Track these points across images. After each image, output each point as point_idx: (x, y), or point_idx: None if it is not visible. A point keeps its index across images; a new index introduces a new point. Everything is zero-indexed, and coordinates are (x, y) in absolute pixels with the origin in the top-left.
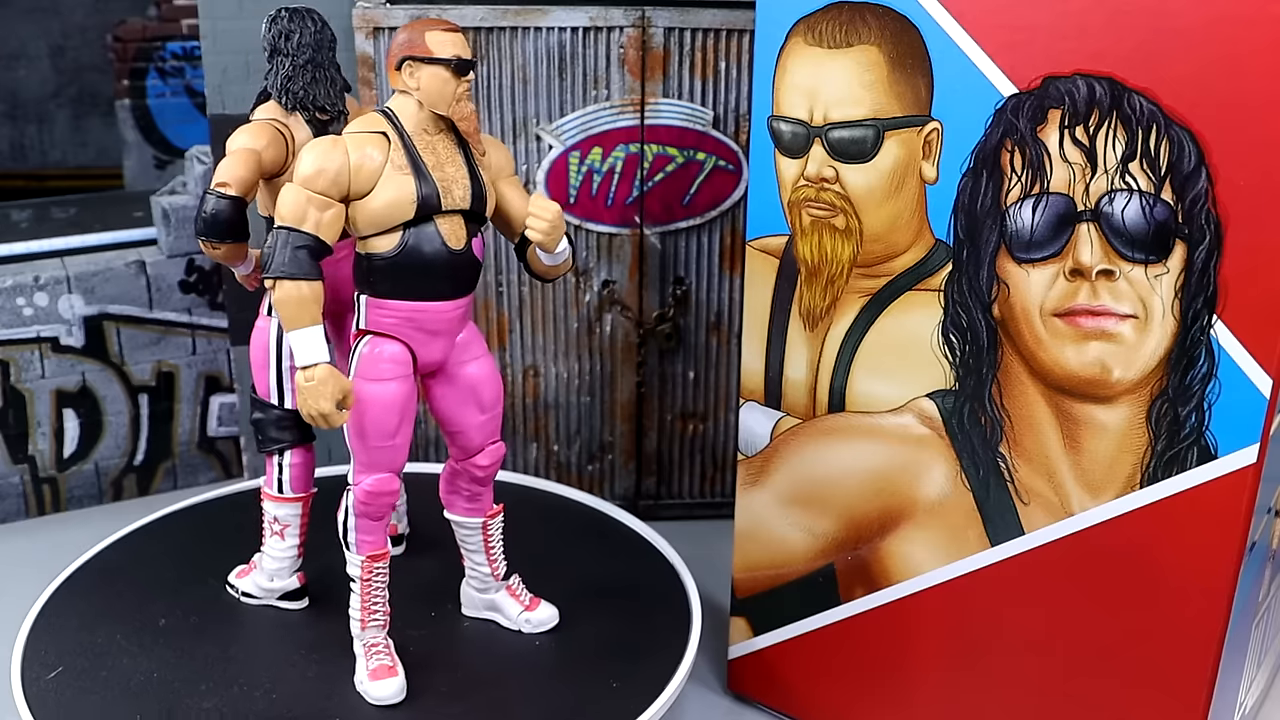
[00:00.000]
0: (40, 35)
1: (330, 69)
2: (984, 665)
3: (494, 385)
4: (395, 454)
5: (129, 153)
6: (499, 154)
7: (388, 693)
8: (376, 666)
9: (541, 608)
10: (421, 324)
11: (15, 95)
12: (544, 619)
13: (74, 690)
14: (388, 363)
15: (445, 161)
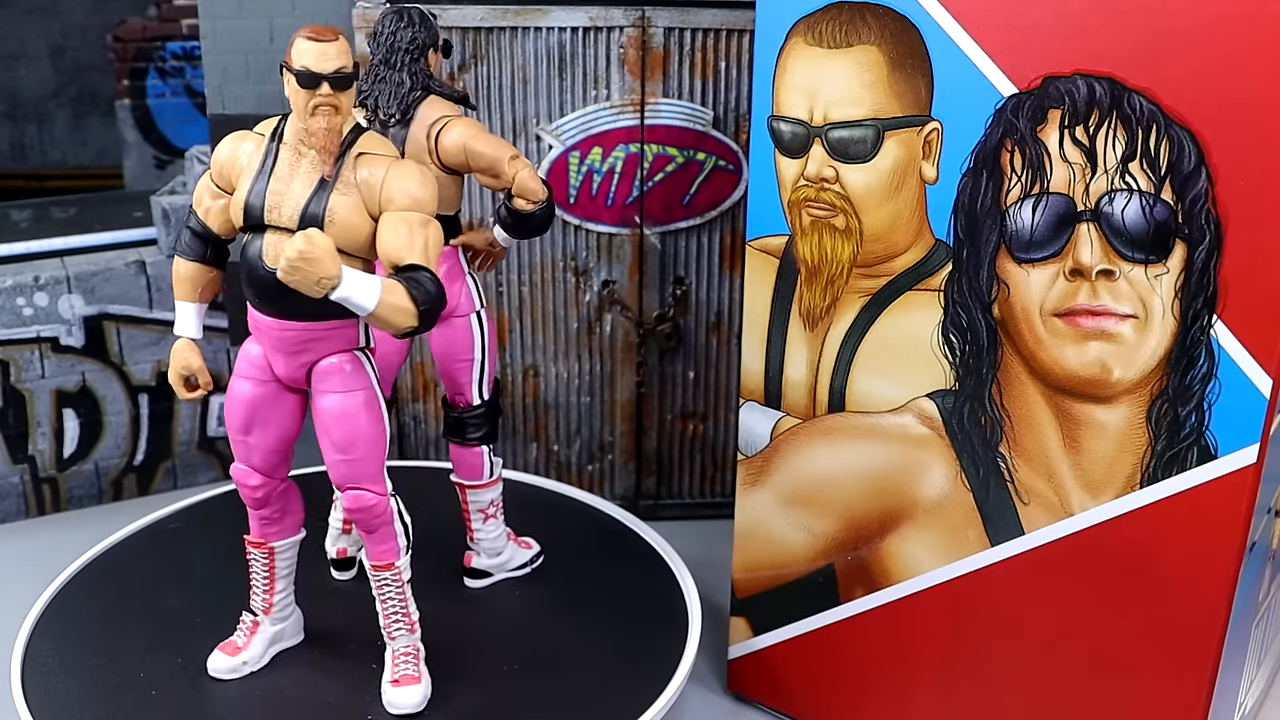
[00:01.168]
0: (40, 35)
1: (400, 72)
2: (984, 665)
3: (345, 426)
4: (248, 451)
5: (129, 153)
6: (402, 183)
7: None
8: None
9: (405, 691)
10: (260, 333)
11: (15, 95)
12: (397, 701)
13: (74, 691)
14: (243, 361)
15: (296, 176)
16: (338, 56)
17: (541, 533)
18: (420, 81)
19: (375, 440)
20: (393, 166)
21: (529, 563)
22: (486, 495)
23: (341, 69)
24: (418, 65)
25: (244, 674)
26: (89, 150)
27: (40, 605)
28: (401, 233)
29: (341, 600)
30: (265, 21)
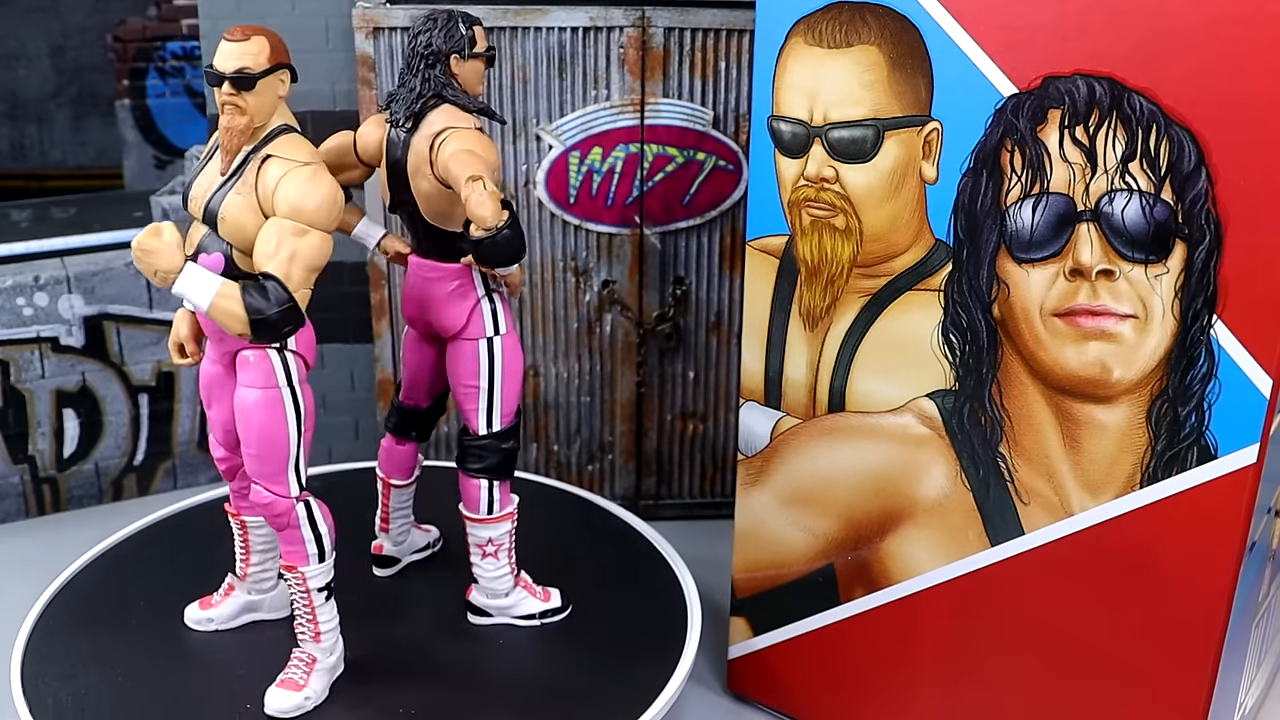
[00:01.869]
0: (40, 35)
1: (415, 76)
2: (984, 665)
3: (243, 420)
4: (212, 425)
5: (129, 153)
6: (287, 188)
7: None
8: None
9: (280, 694)
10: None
11: (15, 95)
12: (270, 701)
13: (75, 691)
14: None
15: (219, 170)
16: (241, 56)
17: (542, 530)
18: (433, 88)
19: (272, 441)
20: (289, 172)
21: (540, 615)
22: (484, 531)
23: (244, 69)
24: (432, 71)
25: (209, 629)
26: (89, 150)
27: (40, 605)
28: (271, 240)
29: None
30: (265, 22)
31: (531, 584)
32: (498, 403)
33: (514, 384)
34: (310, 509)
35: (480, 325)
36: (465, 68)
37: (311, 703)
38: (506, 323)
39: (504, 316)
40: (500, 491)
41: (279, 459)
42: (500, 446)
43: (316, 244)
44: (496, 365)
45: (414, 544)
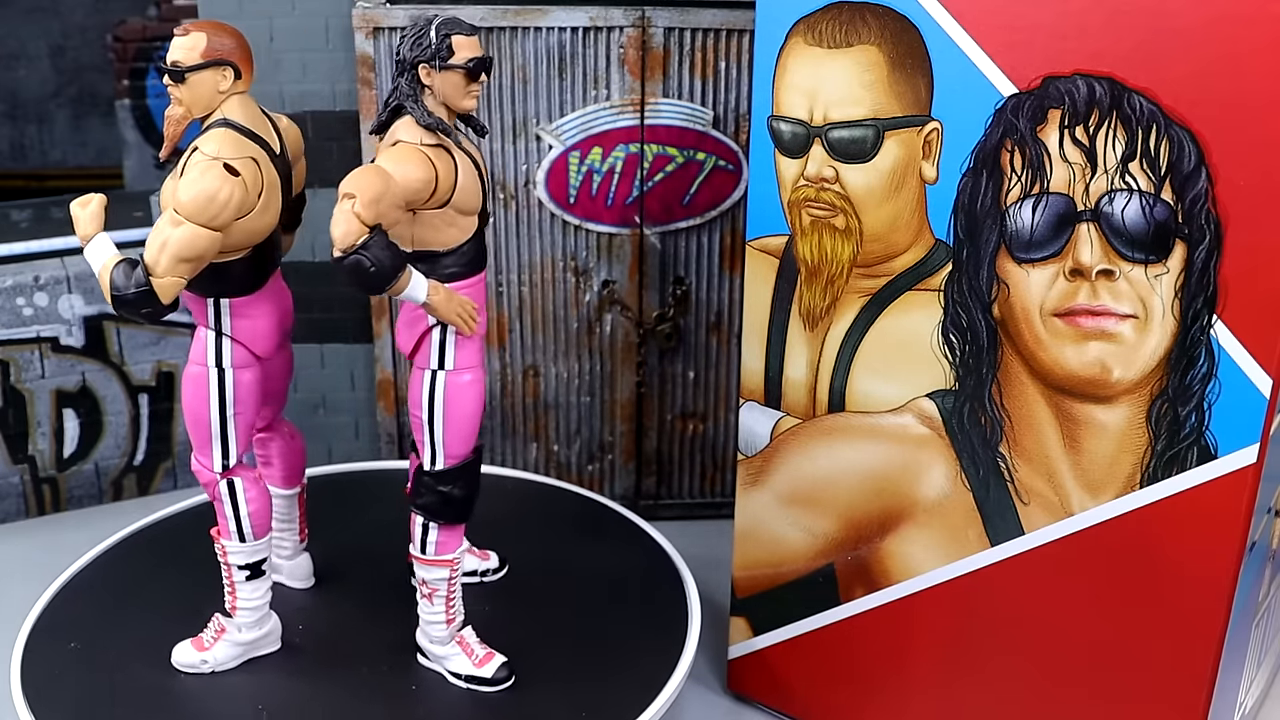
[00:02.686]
0: (40, 35)
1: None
2: (983, 665)
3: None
4: None
5: (129, 153)
6: (179, 179)
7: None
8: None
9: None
10: None
11: (15, 95)
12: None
13: (75, 691)
14: None
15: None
16: (176, 50)
17: (542, 529)
18: (396, 98)
19: (195, 415)
20: (190, 162)
21: (465, 678)
22: (420, 570)
23: (175, 62)
24: (400, 80)
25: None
26: (89, 150)
27: (41, 605)
28: (156, 225)
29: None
30: (265, 21)
31: (471, 644)
32: (438, 441)
33: (458, 425)
34: (234, 489)
35: (426, 355)
36: (439, 79)
37: (209, 666)
38: (458, 359)
39: (455, 352)
40: (439, 533)
41: (202, 433)
42: (437, 487)
43: (188, 236)
44: (437, 401)
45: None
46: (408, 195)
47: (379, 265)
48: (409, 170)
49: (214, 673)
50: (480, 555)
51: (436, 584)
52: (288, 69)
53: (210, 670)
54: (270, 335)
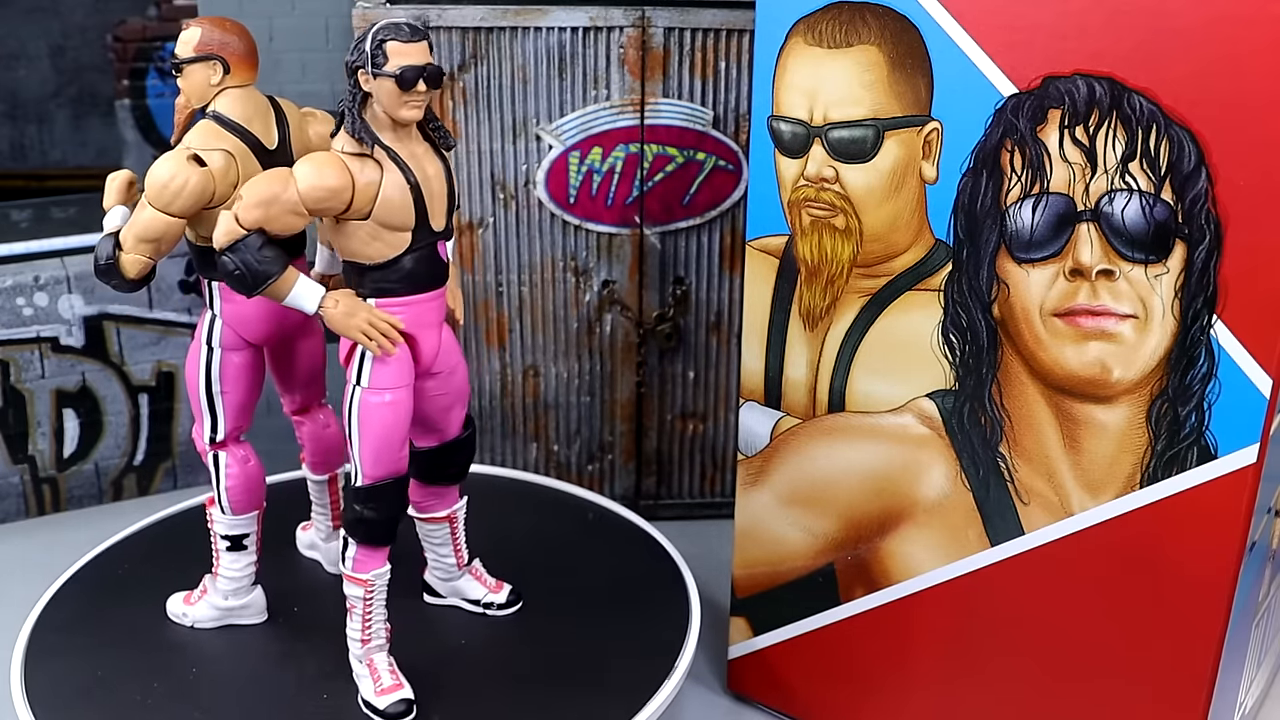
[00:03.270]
0: (40, 35)
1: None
2: (983, 665)
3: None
4: None
5: (129, 153)
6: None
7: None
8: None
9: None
10: None
11: (15, 95)
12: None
13: (76, 692)
14: None
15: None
16: (178, 43)
17: (542, 529)
18: (340, 103)
19: (190, 387)
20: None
21: (365, 704)
22: (345, 584)
23: (174, 55)
24: (346, 85)
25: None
26: (89, 150)
27: (42, 605)
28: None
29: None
30: (265, 21)
31: (380, 670)
32: (356, 458)
33: (372, 446)
34: (218, 463)
35: (352, 369)
36: (376, 86)
37: (189, 621)
38: (373, 377)
39: (371, 369)
40: (356, 550)
41: (195, 405)
42: (354, 505)
43: (145, 218)
44: (354, 418)
45: (462, 591)
46: (310, 203)
47: (243, 269)
48: (317, 178)
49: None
50: (492, 587)
51: (354, 600)
52: (288, 69)
53: (190, 625)
54: (261, 322)
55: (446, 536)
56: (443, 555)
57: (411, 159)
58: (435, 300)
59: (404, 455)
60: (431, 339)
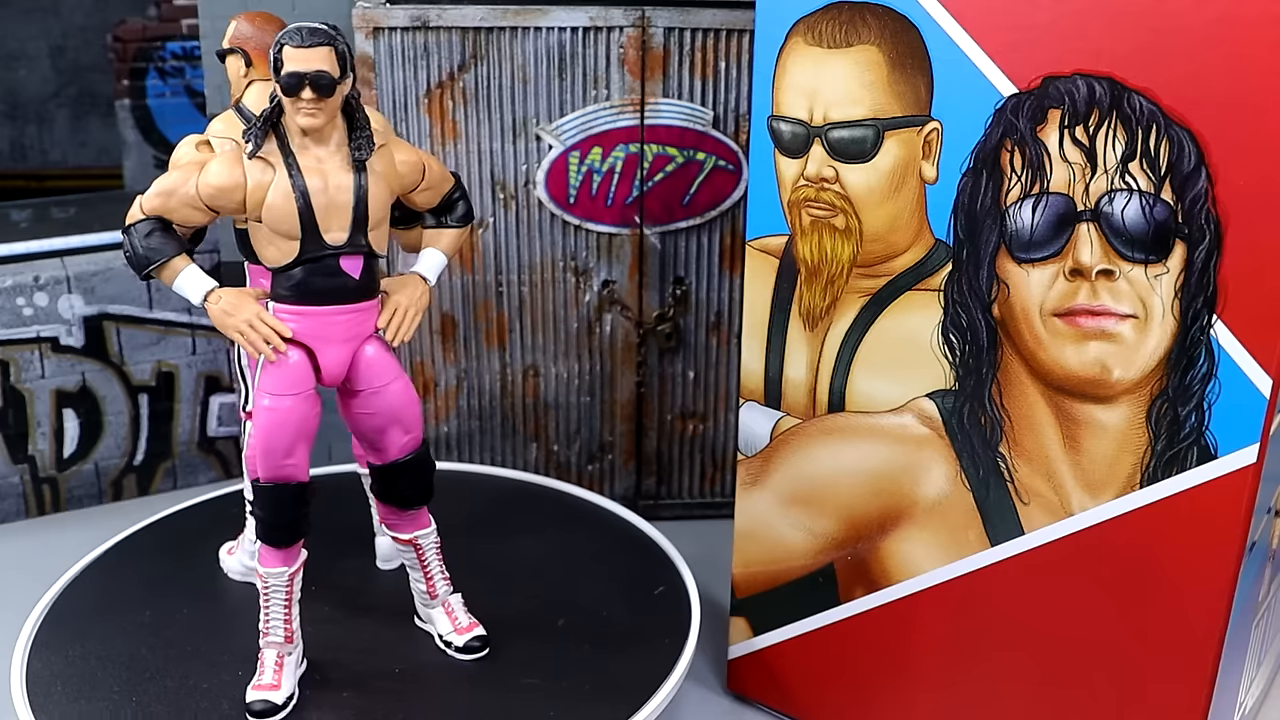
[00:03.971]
0: (40, 35)
1: None
2: (984, 665)
3: None
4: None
5: (129, 153)
6: None
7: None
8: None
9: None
10: None
11: (15, 95)
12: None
13: (76, 692)
14: None
15: None
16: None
17: (542, 529)
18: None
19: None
20: None
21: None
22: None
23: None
24: None
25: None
26: (89, 150)
27: (43, 606)
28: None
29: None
30: None
31: (266, 666)
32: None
33: (258, 447)
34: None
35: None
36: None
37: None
38: (262, 381)
39: (262, 373)
40: (260, 544)
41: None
42: (251, 498)
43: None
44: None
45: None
46: (205, 197)
47: (131, 253)
48: (212, 173)
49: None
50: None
51: (262, 589)
52: None
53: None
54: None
55: (415, 561)
56: (415, 579)
57: (313, 167)
58: (339, 315)
59: (294, 464)
60: (335, 355)
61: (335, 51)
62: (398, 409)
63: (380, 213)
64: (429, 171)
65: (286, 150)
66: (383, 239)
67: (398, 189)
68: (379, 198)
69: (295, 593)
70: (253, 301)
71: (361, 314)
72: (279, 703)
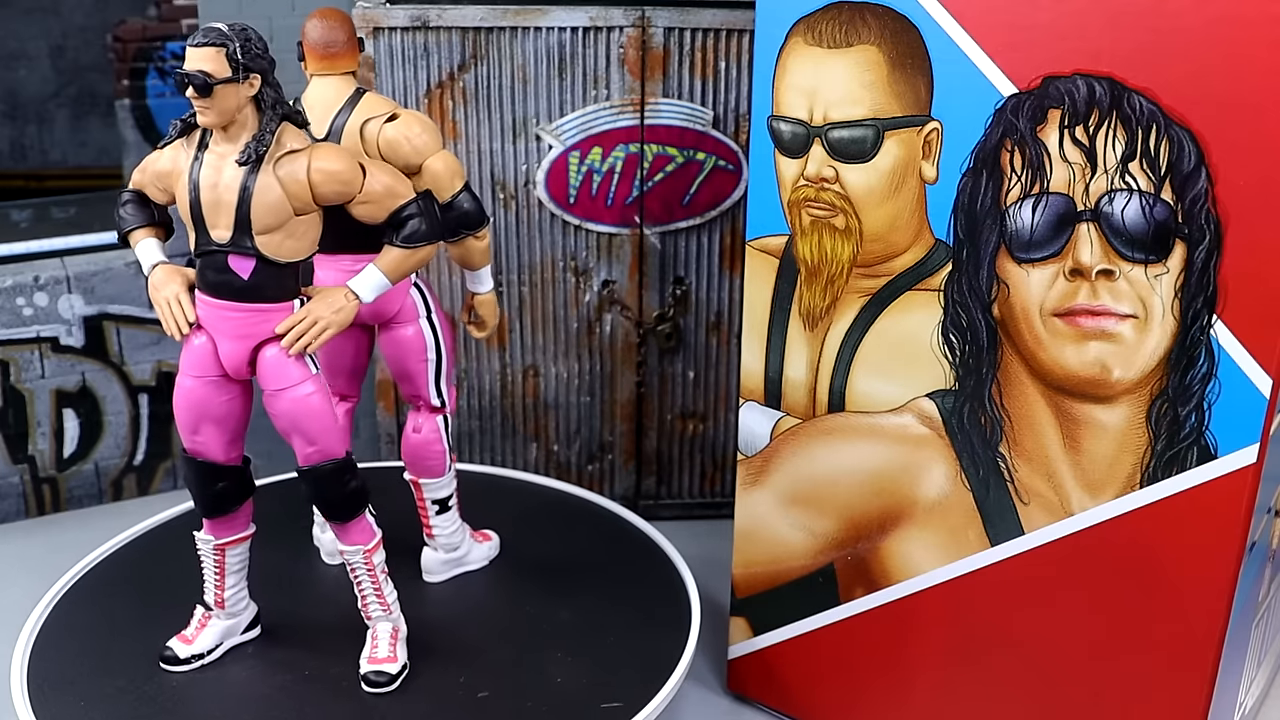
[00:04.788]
0: (40, 35)
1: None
2: (983, 665)
3: None
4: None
5: (129, 153)
6: None
7: None
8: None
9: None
10: None
11: (15, 95)
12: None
13: (77, 693)
14: None
15: None
16: None
17: (542, 529)
18: None
19: None
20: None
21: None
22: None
23: None
24: None
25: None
26: (89, 150)
27: (43, 606)
28: None
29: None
30: (265, 22)
31: (195, 621)
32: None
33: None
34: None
35: None
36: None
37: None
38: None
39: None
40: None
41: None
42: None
43: None
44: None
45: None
46: (150, 177)
47: (115, 221)
48: (156, 157)
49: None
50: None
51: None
52: (288, 69)
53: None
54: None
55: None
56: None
57: (213, 163)
58: (230, 312)
59: (202, 442)
60: (229, 349)
61: (225, 53)
62: (296, 417)
63: (270, 218)
64: (368, 186)
65: (204, 144)
66: (281, 245)
67: (305, 198)
68: (268, 203)
69: (228, 564)
70: (177, 282)
71: (256, 315)
72: (183, 656)
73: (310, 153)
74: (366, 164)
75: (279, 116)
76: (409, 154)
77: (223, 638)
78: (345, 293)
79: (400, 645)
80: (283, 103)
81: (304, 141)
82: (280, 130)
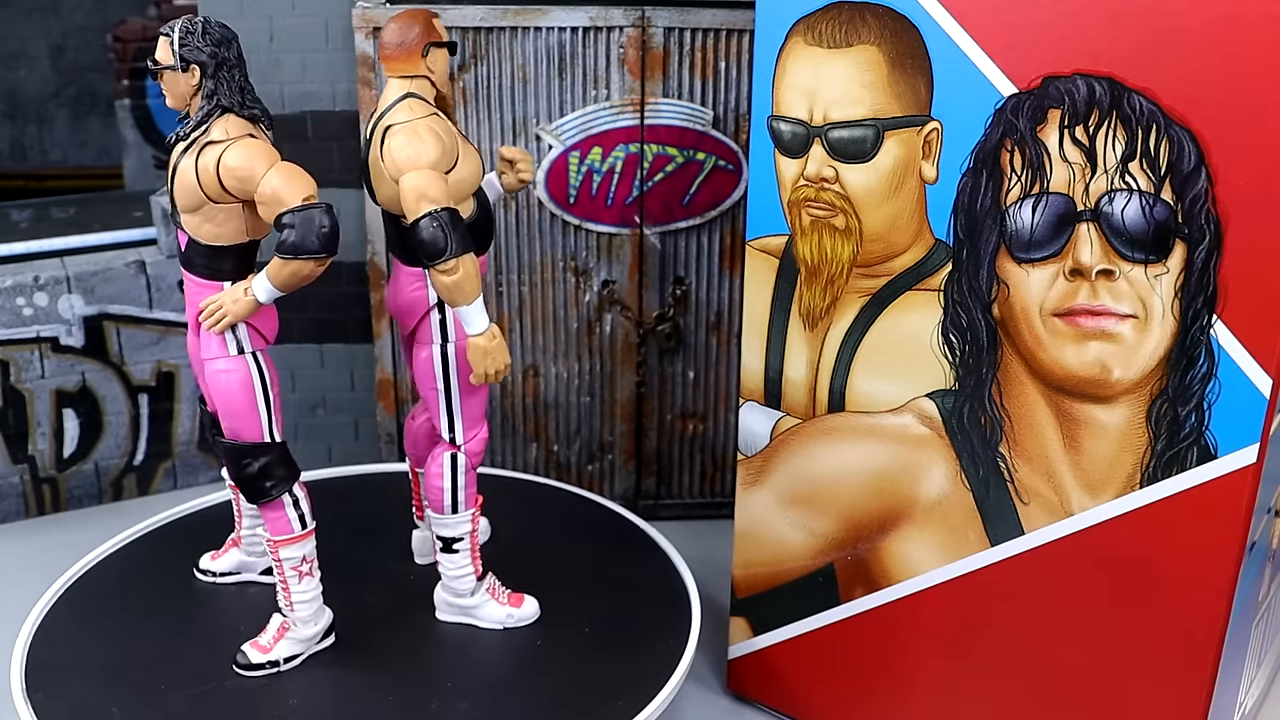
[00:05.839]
0: (40, 35)
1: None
2: (983, 665)
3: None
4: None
5: (129, 153)
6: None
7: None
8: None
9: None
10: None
11: (15, 95)
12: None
13: (76, 693)
14: None
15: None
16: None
17: (542, 529)
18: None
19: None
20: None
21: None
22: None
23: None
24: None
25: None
26: (89, 150)
27: (43, 606)
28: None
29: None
30: (265, 22)
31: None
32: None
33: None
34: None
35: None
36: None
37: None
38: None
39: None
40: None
41: None
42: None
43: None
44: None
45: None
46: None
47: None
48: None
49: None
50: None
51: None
52: (288, 69)
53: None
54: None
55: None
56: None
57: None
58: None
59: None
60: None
61: (169, 43)
62: (214, 390)
63: (185, 199)
64: (260, 188)
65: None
66: (200, 228)
67: (214, 188)
68: (184, 185)
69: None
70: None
71: (194, 286)
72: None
73: (225, 146)
74: (276, 167)
75: (218, 108)
76: (391, 168)
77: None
78: (245, 288)
79: (284, 642)
80: (228, 95)
81: (235, 134)
82: (220, 121)
